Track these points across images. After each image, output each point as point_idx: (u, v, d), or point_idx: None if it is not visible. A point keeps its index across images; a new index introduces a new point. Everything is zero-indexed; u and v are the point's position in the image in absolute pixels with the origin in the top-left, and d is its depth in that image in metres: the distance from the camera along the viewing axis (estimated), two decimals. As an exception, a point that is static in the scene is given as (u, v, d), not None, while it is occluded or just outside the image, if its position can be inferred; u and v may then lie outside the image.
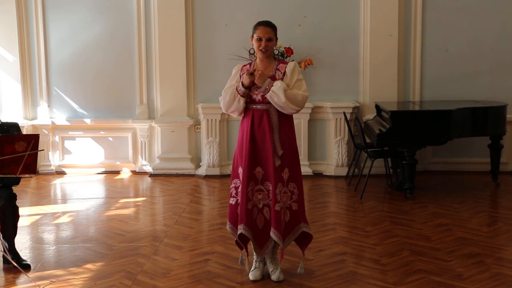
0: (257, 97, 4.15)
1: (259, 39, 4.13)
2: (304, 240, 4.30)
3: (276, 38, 4.22)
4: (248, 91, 4.14)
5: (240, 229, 4.14)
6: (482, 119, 6.63)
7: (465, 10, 7.60)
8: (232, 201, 4.26)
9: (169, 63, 7.76)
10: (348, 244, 5.03)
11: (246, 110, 4.21)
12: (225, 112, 4.31)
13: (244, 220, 4.14)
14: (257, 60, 4.25)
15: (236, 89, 4.16)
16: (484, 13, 7.59)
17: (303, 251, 4.33)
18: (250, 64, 4.31)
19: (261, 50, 4.14)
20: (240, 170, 4.21)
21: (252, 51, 4.27)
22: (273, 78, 4.15)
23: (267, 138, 4.13)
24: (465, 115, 6.52)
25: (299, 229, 4.24)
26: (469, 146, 7.58)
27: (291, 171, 4.19)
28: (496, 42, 7.64)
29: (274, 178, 4.12)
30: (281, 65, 4.22)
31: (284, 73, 4.17)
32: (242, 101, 4.15)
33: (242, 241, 4.26)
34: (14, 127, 4.60)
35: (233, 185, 4.26)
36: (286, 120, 4.21)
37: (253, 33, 4.19)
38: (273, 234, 4.13)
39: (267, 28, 4.15)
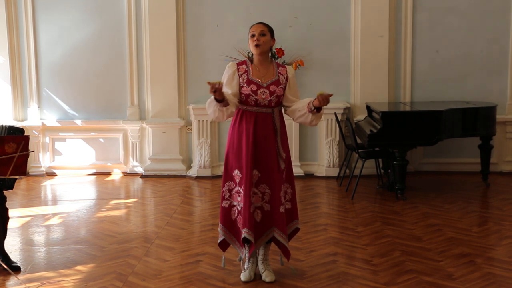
0: (264, 101, 4.13)
1: (253, 36, 4.16)
2: (292, 236, 4.38)
3: (272, 38, 4.22)
4: (222, 102, 4.05)
5: (244, 233, 4.10)
6: (472, 120, 6.67)
7: (455, 11, 7.64)
8: (225, 204, 4.23)
9: (160, 64, 7.74)
10: (340, 245, 5.04)
11: (246, 112, 4.16)
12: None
13: (247, 223, 4.10)
14: (255, 61, 4.22)
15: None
16: (474, 15, 7.63)
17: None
18: (245, 62, 4.25)
19: (255, 45, 4.14)
20: (236, 173, 4.17)
21: (250, 55, 4.25)
22: (277, 83, 4.16)
23: (271, 141, 4.14)
24: (455, 116, 6.55)
25: (293, 225, 4.34)
26: (460, 146, 7.62)
27: (286, 173, 4.25)
28: (486, 43, 7.67)
29: (278, 181, 4.14)
30: (281, 68, 4.23)
31: (287, 78, 4.20)
32: (228, 110, 4.08)
33: (241, 243, 4.22)
34: (20, 132, 4.56)
35: (226, 187, 4.23)
36: (283, 124, 4.26)
37: (248, 33, 4.21)
38: (278, 236, 4.15)
39: (260, 24, 4.22)
